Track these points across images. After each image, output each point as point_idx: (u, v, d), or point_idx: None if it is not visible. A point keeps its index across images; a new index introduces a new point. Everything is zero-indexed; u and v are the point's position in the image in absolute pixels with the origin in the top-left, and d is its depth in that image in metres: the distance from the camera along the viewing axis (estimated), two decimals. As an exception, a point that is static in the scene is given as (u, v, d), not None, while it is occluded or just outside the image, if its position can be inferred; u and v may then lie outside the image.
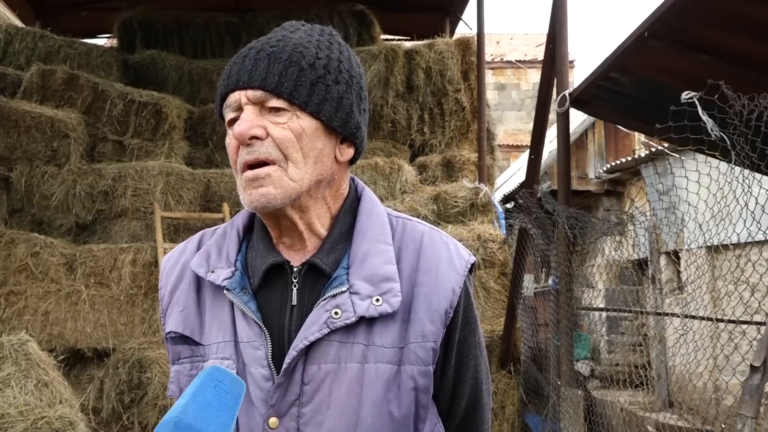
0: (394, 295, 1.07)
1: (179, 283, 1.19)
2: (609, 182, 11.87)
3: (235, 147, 1.10)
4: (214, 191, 6.09)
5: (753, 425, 2.61)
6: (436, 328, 1.09)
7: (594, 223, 4.77)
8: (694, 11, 3.07)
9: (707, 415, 6.47)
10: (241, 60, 1.12)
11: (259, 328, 1.08)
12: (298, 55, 1.09)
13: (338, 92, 1.11)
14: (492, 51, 22.03)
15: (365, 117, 1.19)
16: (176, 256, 1.24)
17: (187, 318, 1.15)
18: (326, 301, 1.07)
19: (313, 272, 1.11)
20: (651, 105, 4.05)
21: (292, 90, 1.07)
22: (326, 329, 1.05)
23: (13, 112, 5.81)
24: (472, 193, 6.55)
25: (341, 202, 1.17)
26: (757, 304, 3.83)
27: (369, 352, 1.06)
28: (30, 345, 4.07)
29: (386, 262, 1.10)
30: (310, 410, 1.05)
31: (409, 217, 1.22)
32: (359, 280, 1.08)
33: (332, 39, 1.16)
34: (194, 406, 0.91)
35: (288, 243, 1.15)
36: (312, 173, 1.09)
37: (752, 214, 3.03)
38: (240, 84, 1.09)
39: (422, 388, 1.08)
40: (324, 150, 1.11)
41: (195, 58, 7.87)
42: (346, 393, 1.05)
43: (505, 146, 18.48)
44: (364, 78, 1.19)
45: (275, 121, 1.08)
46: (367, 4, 8.06)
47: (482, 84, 7.41)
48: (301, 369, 1.05)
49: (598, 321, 10.30)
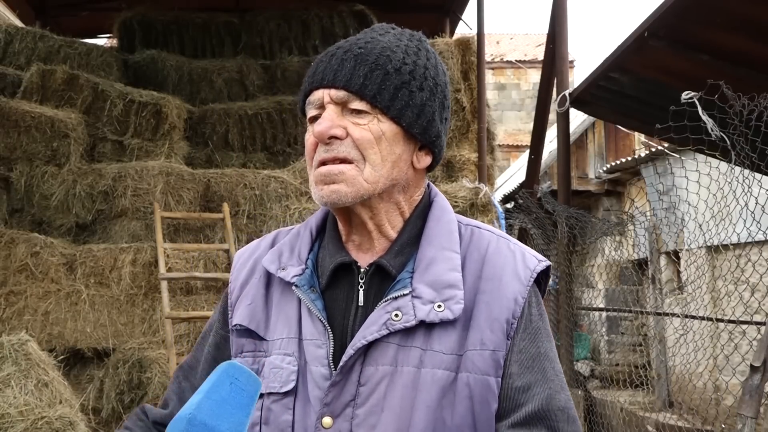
0: (456, 302, 1.06)
1: (250, 278, 1.20)
2: (609, 182, 11.87)
3: (313, 144, 1.10)
4: (214, 191, 6.08)
5: (753, 425, 2.61)
6: (497, 337, 1.06)
7: (594, 223, 4.77)
8: (694, 11, 3.08)
9: (707, 415, 6.47)
10: (328, 58, 1.11)
11: (323, 327, 1.08)
12: (385, 58, 1.08)
13: (421, 99, 1.10)
14: (492, 51, 22.02)
15: (446, 126, 1.18)
16: (249, 251, 1.25)
17: (254, 312, 1.16)
18: (388, 302, 1.06)
19: (379, 274, 1.11)
20: (651, 105, 4.05)
21: (375, 93, 1.07)
22: (385, 330, 1.04)
23: (13, 112, 5.81)
24: (472, 193, 6.54)
25: (414, 207, 1.16)
26: (757, 304, 3.82)
27: (426, 357, 1.05)
28: (30, 345, 4.06)
29: (451, 269, 1.09)
30: (364, 411, 1.04)
31: (480, 224, 1.20)
32: (422, 284, 1.07)
33: (421, 45, 1.15)
34: (209, 403, 0.90)
35: (357, 242, 1.14)
36: (387, 177, 1.09)
37: (752, 214, 3.03)
38: (324, 82, 1.09)
39: (478, 398, 1.04)
40: (402, 155, 1.11)
41: (195, 58, 7.86)
42: (401, 396, 1.03)
43: (505, 146, 18.47)
44: (449, 87, 1.19)
45: (356, 122, 1.08)
46: (367, 4, 8.06)
47: (482, 84, 7.42)
48: (359, 369, 1.05)
49: (598, 321, 10.30)
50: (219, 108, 7.17)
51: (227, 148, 7.15)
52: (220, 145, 7.15)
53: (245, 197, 6.01)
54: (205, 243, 5.83)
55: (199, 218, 5.87)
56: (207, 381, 0.93)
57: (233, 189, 6.03)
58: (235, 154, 7.08)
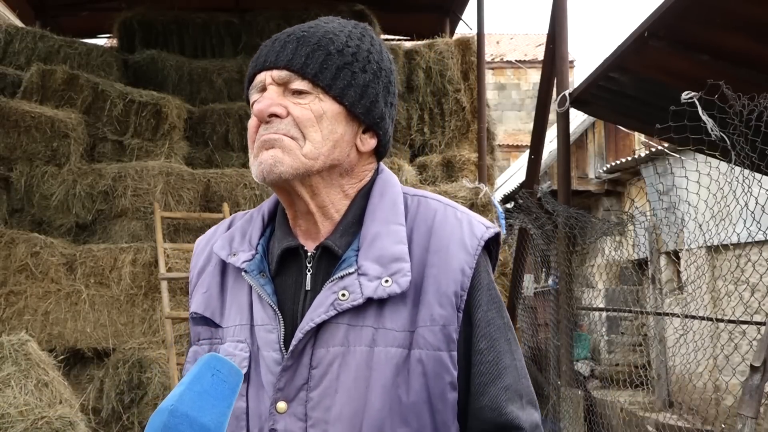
0: (403, 275, 1.04)
1: (206, 266, 1.20)
2: (609, 182, 11.88)
3: (255, 126, 1.09)
4: (214, 191, 6.08)
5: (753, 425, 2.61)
6: (447, 312, 1.05)
7: (594, 223, 4.77)
8: (694, 11, 3.08)
9: (707, 415, 6.47)
10: (271, 43, 1.12)
11: (273, 312, 1.07)
12: (327, 40, 1.09)
13: (364, 80, 1.10)
14: (492, 51, 22.02)
15: (392, 111, 1.17)
16: (207, 238, 1.25)
17: (209, 300, 1.16)
18: (334, 282, 1.05)
19: (326, 256, 1.10)
20: (651, 105, 4.05)
21: (317, 72, 1.07)
22: (333, 311, 1.03)
23: (13, 112, 5.81)
24: (472, 193, 6.55)
25: (360, 189, 1.15)
26: (757, 304, 3.82)
27: (378, 336, 1.04)
28: (30, 345, 4.07)
29: (397, 242, 1.07)
30: (318, 394, 1.03)
31: (427, 193, 1.17)
32: (368, 261, 1.06)
33: (365, 32, 1.15)
34: (191, 394, 0.90)
35: (303, 227, 1.13)
36: (328, 155, 1.08)
37: (752, 214, 3.03)
38: (267, 64, 1.09)
39: (432, 374, 1.04)
40: (344, 136, 1.10)
41: (195, 58, 7.85)
42: (355, 377, 1.03)
43: (505, 146, 18.47)
44: (395, 74, 1.18)
45: (297, 102, 1.07)
46: (367, 4, 8.05)
47: (482, 84, 7.41)
48: (310, 352, 1.04)
49: (598, 321, 10.30)
50: (219, 108, 7.17)
51: (227, 148, 7.15)
52: (220, 145, 7.15)
53: (245, 197, 6.01)
54: (205, 243, 5.82)
55: (199, 218, 5.87)
56: (189, 373, 0.94)
57: (233, 189, 6.04)
58: (235, 154, 7.08)
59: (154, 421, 0.89)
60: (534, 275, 7.25)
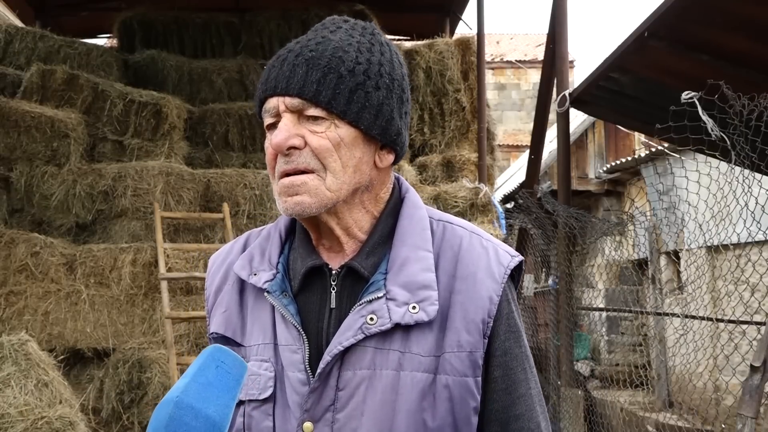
0: (431, 304, 1.06)
1: (223, 285, 1.20)
2: (609, 182, 11.88)
3: (273, 154, 1.09)
4: (214, 191, 6.08)
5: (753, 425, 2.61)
6: (474, 338, 1.06)
7: (594, 223, 4.77)
8: (694, 11, 3.08)
9: (707, 415, 6.47)
10: (279, 64, 1.10)
11: (297, 332, 1.08)
12: (338, 60, 1.06)
13: (378, 99, 1.08)
14: (492, 51, 22.03)
15: (406, 120, 1.17)
16: (222, 256, 1.24)
17: (230, 319, 1.16)
18: (362, 306, 1.06)
19: (351, 275, 1.11)
20: (651, 105, 4.06)
21: (330, 99, 1.05)
22: (361, 335, 1.04)
23: (13, 112, 5.81)
24: (472, 193, 6.56)
25: (383, 205, 1.15)
26: (757, 304, 3.82)
27: (405, 360, 1.05)
28: (30, 345, 4.07)
29: (425, 269, 1.08)
30: (344, 416, 1.04)
31: (452, 218, 1.18)
32: (396, 286, 1.06)
33: (374, 39, 1.13)
34: (195, 386, 0.90)
35: (327, 245, 1.14)
36: (350, 182, 1.08)
37: (752, 214, 3.03)
38: (278, 90, 1.07)
39: (458, 400, 1.05)
40: (363, 158, 1.09)
41: (195, 58, 7.86)
42: (381, 400, 1.04)
43: (505, 146, 18.49)
44: (406, 78, 1.17)
45: (313, 129, 1.06)
46: (367, 4, 8.06)
47: (482, 84, 7.42)
48: (336, 374, 1.05)
49: (598, 321, 10.31)
50: (219, 108, 7.17)
51: (227, 148, 7.15)
52: (220, 145, 7.15)
53: (245, 197, 6.01)
54: (205, 243, 5.83)
55: (199, 218, 5.87)
56: (193, 365, 0.94)
57: (233, 189, 6.04)
58: (235, 154, 7.09)
59: (159, 413, 0.89)
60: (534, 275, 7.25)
